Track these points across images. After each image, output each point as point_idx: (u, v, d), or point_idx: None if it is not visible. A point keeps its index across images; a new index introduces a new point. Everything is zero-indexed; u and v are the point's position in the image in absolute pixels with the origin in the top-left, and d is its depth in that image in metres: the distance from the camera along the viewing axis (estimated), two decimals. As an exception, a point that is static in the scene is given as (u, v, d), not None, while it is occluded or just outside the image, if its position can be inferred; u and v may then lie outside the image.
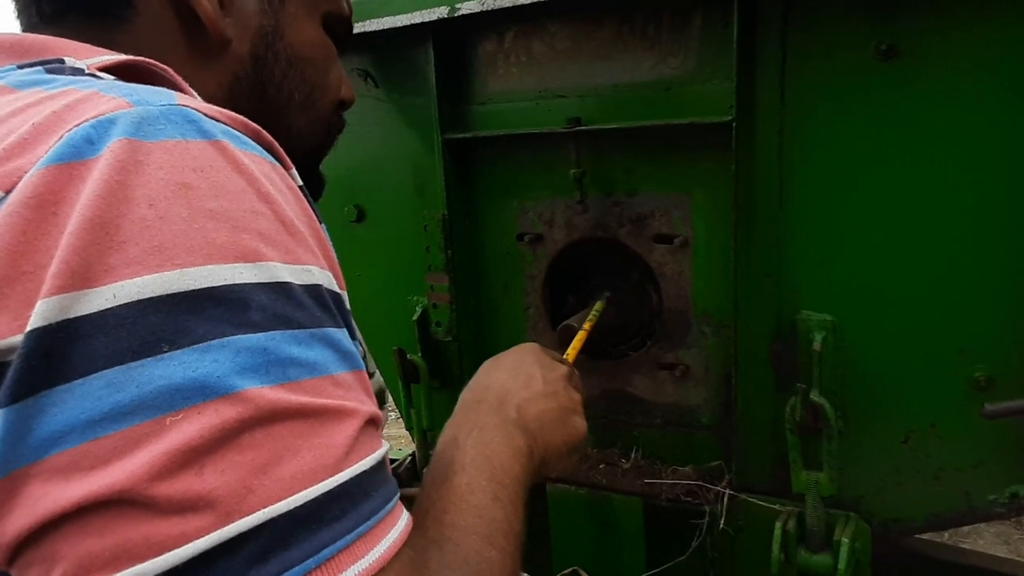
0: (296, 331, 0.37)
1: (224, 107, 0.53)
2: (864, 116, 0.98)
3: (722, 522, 1.13)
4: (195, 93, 0.49)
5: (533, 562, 1.45)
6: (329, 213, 1.45)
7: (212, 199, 0.36)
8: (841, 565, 1.01)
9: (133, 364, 0.32)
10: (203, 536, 0.32)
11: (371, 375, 2.96)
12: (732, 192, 1.05)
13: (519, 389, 0.72)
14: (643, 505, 1.19)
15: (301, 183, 0.47)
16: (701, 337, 1.19)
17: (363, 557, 0.36)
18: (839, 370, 1.06)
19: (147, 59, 0.48)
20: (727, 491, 1.14)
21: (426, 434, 1.41)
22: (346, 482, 0.36)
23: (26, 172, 0.34)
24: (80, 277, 0.33)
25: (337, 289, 0.44)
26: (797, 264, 1.07)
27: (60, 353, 0.32)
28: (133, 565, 0.31)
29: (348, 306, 0.46)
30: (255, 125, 0.44)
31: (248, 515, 0.33)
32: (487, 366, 0.79)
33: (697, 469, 1.20)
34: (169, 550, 0.31)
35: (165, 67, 0.48)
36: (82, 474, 0.31)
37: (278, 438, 0.34)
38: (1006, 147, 0.91)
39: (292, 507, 0.34)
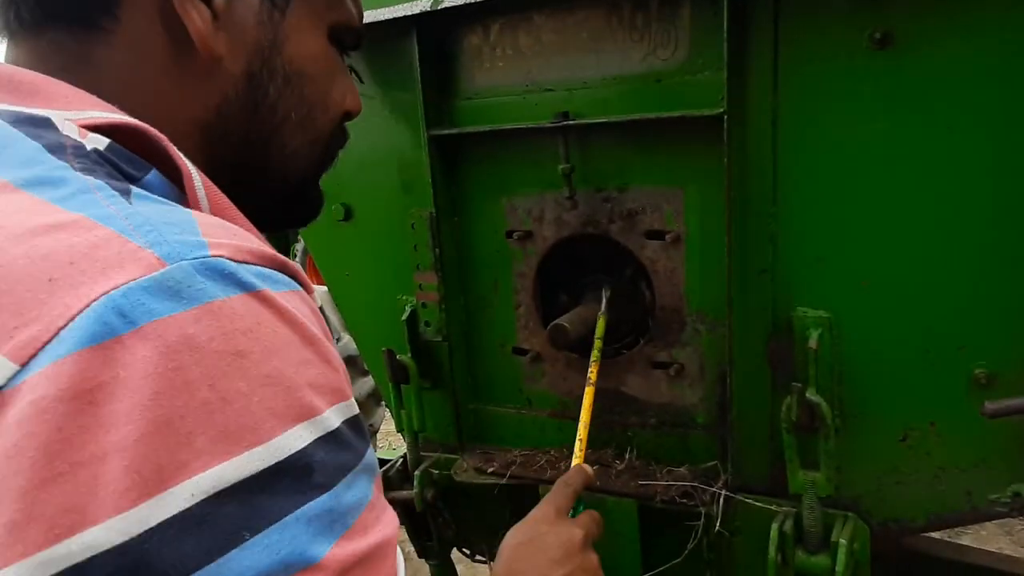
0: (348, 475, 0.39)
1: (213, 130, 0.52)
2: (859, 106, 0.95)
3: (718, 523, 1.10)
4: (192, 168, 0.46)
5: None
6: (316, 212, 1.42)
7: (266, 362, 0.36)
8: (839, 567, 0.99)
9: (222, 560, 0.32)
10: None
11: (364, 374, 2.94)
12: (725, 186, 1.02)
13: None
14: (638, 507, 1.17)
15: (319, 304, 0.46)
16: (695, 335, 1.16)
17: None
18: (836, 368, 1.04)
19: (140, 124, 0.45)
20: (723, 492, 1.11)
21: (417, 435, 1.38)
22: None
23: (43, 343, 0.32)
24: (154, 482, 0.32)
25: (358, 411, 0.44)
26: (792, 260, 1.04)
27: (150, 563, 0.31)
28: None
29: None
30: (280, 257, 0.42)
31: None
32: (512, 553, 0.85)
33: (692, 469, 1.17)
34: None
35: (159, 135, 0.45)
36: None
37: None
38: (1004, 136, 0.89)
39: None
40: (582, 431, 1.08)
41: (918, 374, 0.99)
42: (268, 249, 0.41)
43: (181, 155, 0.46)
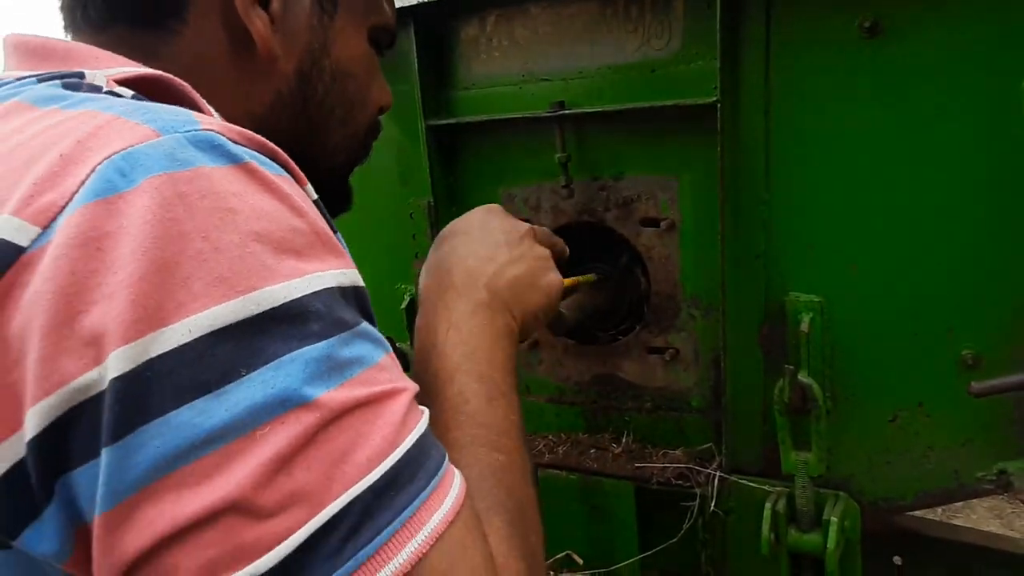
0: (346, 333, 0.41)
1: (265, 124, 0.55)
2: (850, 94, 0.97)
3: (712, 504, 1.13)
4: (213, 111, 0.49)
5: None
6: (315, 202, 1.43)
7: (256, 221, 0.39)
8: (830, 544, 1.02)
9: (218, 391, 0.35)
10: (302, 527, 0.35)
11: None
12: (719, 174, 1.04)
13: (484, 264, 0.68)
14: (634, 489, 1.19)
15: (316, 197, 0.48)
16: (690, 320, 1.18)
17: (440, 507, 0.41)
18: (827, 350, 1.06)
19: (165, 73, 0.47)
20: (717, 473, 1.14)
21: (417, 422, 1.40)
22: (410, 450, 0.41)
23: (60, 207, 0.36)
24: (154, 319, 0.35)
25: (362, 284, 0.46)
26: (785, 245, 1.06)
27: (151, 390, 0.34)
28: (251, 562, 0.34)
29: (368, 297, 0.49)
30: (271, 144, 0.44)
31: (335, 500, 0.37)
32: (445, 241, 0.73)
33: (688, 452, 1.20)
34: (278, 544, 0.35)
35: (183, 83, 0.48)
36: (192, 491, 0.34)
37: (349, 430, 0.39)
38: (992, 123, 0.91)
39: (371, 483, 0.38)
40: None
41: (907, 356, 1.02)
42: (263, 139, 0.43)
43: (205, 102, 0.48)
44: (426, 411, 0.46)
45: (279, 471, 0.36)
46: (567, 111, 1.14)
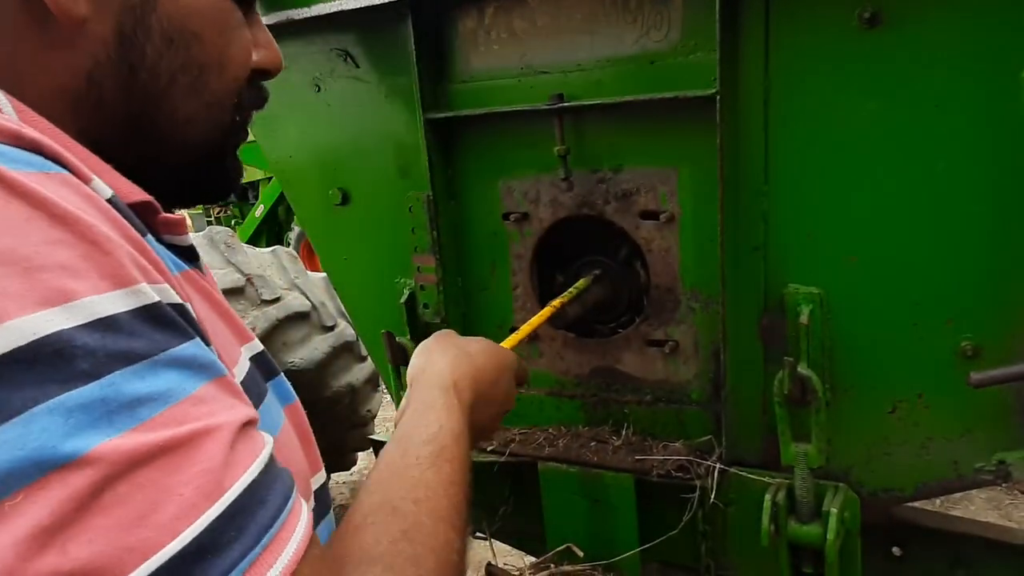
0: (136, 365, 0.35)
1: (85, 99, 0.47)
2: (849, 85, 0.97)
3: (712, 496, 1.13)
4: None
5: (527, 539, 1.46)
6: (314, 197, 1.43)
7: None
8: (830, 535, 1.02)
9: None
10: None
11: (363, 360, 2.94)
12: (718, 166, 1.04)
13: (451, 366, 0.73)
14: (635, 481, 1.19)
15: (110, 194, 0.41)
16: (690, 313, 1.19)
17: (273, 566, 0.35)
18: (826, 342, 1.06)
19: None
20: (717, 465, 1.14)
21: (417, 416, 1.40)
22: (236, 499, 0.35)
23: None
24: None
25: (178, 300, 0.40)
26: (784, 237, 1.06)
27: None
28: None
29: (194, 313, 0.42)
30: (30, 133, 0.37)
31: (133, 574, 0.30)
32: (435, 356, 0.77)
33: (688, 444, 1.20)
34: None
35: None
36: None
37: (147, 484, 0.32)
38: (990, 114, 0.90)
39: (181, 547, 0.32)
40: (524, 328, 1.06)
41: (906, 347, 1.02)
42: (27, 130, 0.38)
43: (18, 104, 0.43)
44: (269, 440, 0.40)
45: (45, 549, 0.30)
46: (566, 103, 1.13)
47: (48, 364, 0.32)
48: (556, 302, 1.12)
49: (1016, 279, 0.94)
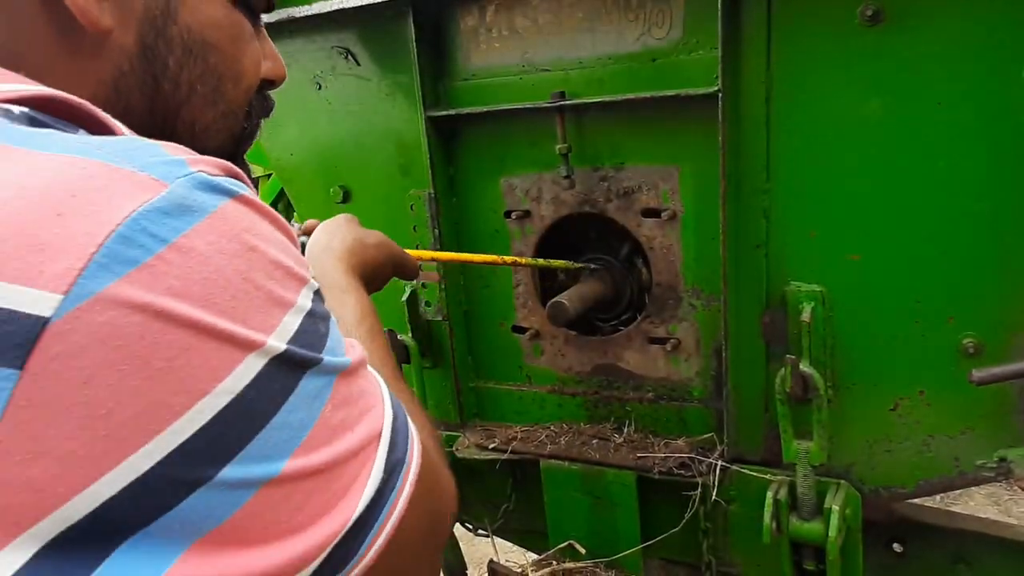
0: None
1: (113, 107, 0.49)
2: (851, 82, 0.97)
3: (714, 493, 1.14)
4: (120, 125, 0.45)
5: (529, 537, 1.47)
6: (315, 195, 1.43)
7: (269, 251, 0.41)
8: (831, 532, 1.02)
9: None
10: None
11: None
12: (720, 163, 1.04)
13: (330, 239, 0.83)
14: (636, 478, 1.20)
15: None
16: (691, 310, 1.19)
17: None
18: (828, 340, 1.06)
19: (60, 93, 0.43)
20: (719, 462, 1.14)
21: (419, 414, 1.41)
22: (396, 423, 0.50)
23: (79, 270, 0.33)
24: (239, 349, 0.39)
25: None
26: (786, 235, 1.06)
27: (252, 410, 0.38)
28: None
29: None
30: (231, 165, 0.43)
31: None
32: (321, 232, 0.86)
33: (689, 441, 1.20)
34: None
35: (82, 101, 0.44)
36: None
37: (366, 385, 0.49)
38: (993, 112, 0.90)
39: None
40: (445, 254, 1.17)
41: (908, 345, 1.02)
42: (221, 160, 0.43)
43: (108, 117, 0.45)
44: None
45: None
46: (568, 101, 1.13)
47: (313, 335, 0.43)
48: (511, 258, 1.16)
49: (1018, 276, 0.94)
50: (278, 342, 0.39)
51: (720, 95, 1.01)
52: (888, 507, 1.18)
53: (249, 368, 0.37)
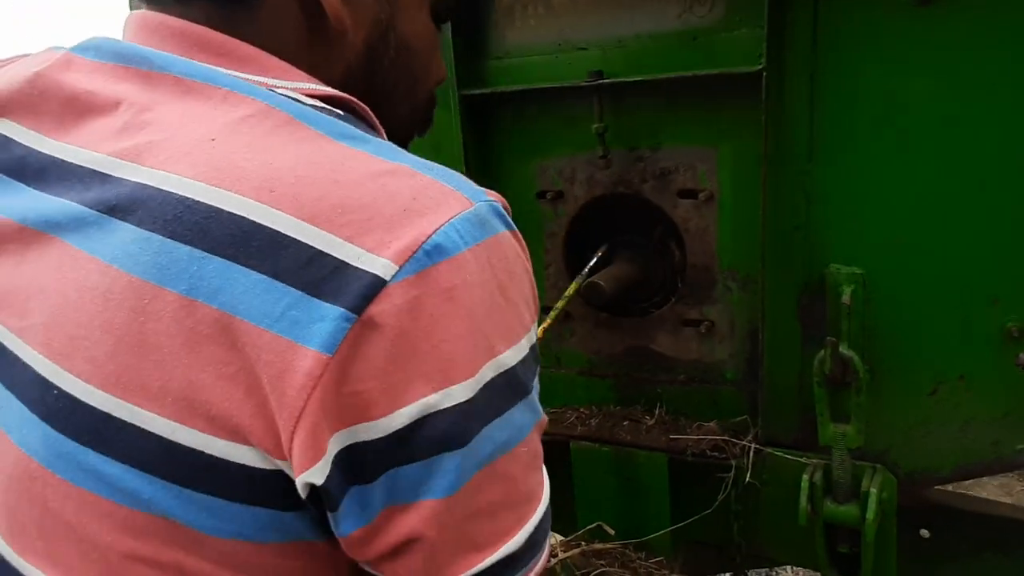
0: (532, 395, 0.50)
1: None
2: (898, 63, 0.96)
3: (748, 475, 1.13)
4: (381, 129, 0.55)
5: (557, 518, 1.47)
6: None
7: (523, 282, 0.48)
8: (870, 515, 1.02)
9: (506, 414, 0.46)
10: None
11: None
12: (762, 144, 1.03)
13: None
14: (668, 461, 1.20)
15: None
16: (726, 292, 1.18)
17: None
18: (867, 323, 1.06)
19: (350, 96, 0.53)
20: (753, 445, 1.14)
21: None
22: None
23: (413, 251, 0.41)
24: (488, 353, 0.45)
25: None
26: (826, 217, 1.05)
27: (478, 412, 0.44)
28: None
29: None
30: (504, 200, 0.50)
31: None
32: None
33: (722, 424, 1.20)
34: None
35: (364, 106, 0.54)
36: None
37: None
38: (1046, 92, 0.89)
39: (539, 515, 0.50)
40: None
41: (949, 329, 1.01)
42: (502, 198, 0.51)
43: (378, 122, 0.55)
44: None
45: (531, 468, 0.50)
46: (607, 80, 1.12)
47: (529, 366, 0.48)
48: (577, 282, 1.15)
49: (1064, 260, 0.93)
50: (511, 360, 0.45)
51: (764, 74, 1.00)
52: (917, 492, 1.18)
53: (485, 373, 0.44)
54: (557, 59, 1.20)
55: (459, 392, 0.42)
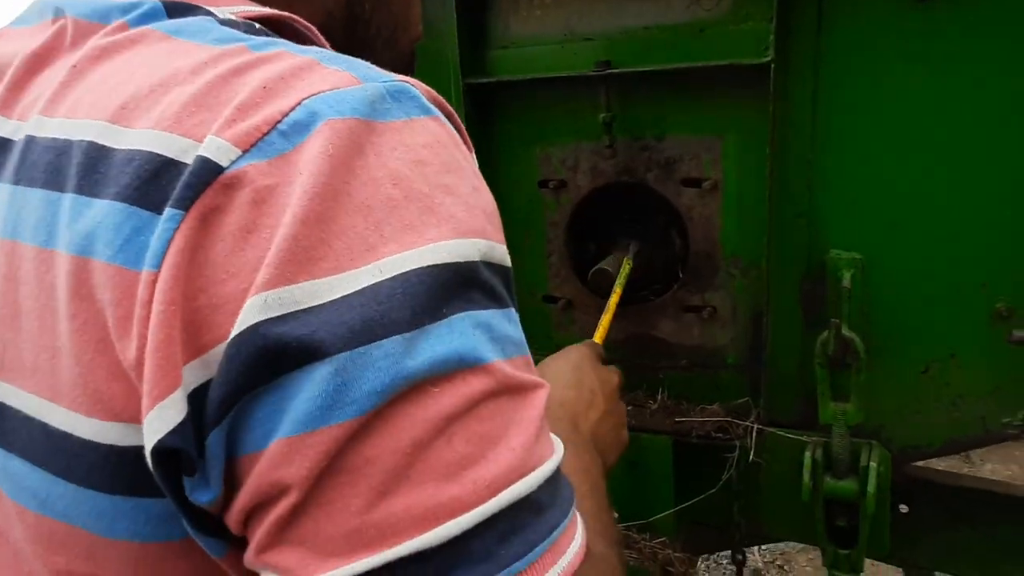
0: (505, 310, 0.40)
1: (325, 35, 0.54)
2: (899, 57, 1.01)
3: (752, 454, 1.17)
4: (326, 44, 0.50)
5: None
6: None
7: (444, 174, 0.39)
8: (871, 488, 1.07)
9: (408, 335, 0.34)
10: (467, 510, 0.34)
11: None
12: (769, 134, 1.07)
13: (587, 410, 0.84)
14: (672, 443, 1.22)
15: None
16: (729, 279, 1.22)
17: (575, 539, 0.38)
18: (864, 306, 1.10)
19: (290, 15, 0.48)
20: (756, 425, 1.18)
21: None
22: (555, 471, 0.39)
23: (263, 132, 0.36)
24: (347, 258, 0.35)
25: (510, 266, 0.44)
26: (828, 204, 1.10)
27: (369, 320, 0.34)
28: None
29: None
30: (450, 107, 0.44)
31: (502, 492, 0.35)
32: (550, 379, 0.81)
33: (724, 407, 1.23)
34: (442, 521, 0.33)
35: (308, 24, 0.49)
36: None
37: (507, 410, 0.37)
38: (1038, 86, 0.95)
39: (529, 490, 0.36)
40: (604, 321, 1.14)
41: (942, 310, 1.07)
42: (443, 99, 0.44)
43: (325, 40, 0.50)
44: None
45: (439, 433, 0.34)
46: (614, 70, 1.14)
47: (464, 284, 0.37)
48: (617, 292, 1.17)
49: (1049, 244, 1.00)
50: (413, 262, 0.36)
51: (772, 66, 1.04)
52: (900, 468, 1.24)
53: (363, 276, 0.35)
54: (563, 49, 1.21)
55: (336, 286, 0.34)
